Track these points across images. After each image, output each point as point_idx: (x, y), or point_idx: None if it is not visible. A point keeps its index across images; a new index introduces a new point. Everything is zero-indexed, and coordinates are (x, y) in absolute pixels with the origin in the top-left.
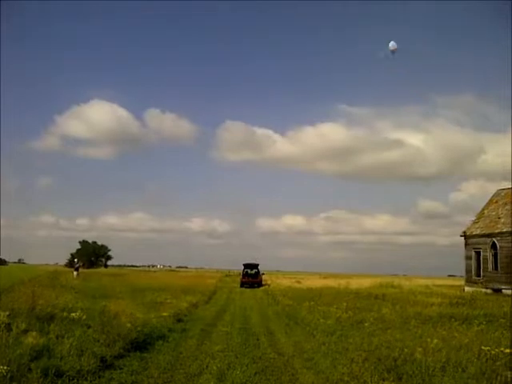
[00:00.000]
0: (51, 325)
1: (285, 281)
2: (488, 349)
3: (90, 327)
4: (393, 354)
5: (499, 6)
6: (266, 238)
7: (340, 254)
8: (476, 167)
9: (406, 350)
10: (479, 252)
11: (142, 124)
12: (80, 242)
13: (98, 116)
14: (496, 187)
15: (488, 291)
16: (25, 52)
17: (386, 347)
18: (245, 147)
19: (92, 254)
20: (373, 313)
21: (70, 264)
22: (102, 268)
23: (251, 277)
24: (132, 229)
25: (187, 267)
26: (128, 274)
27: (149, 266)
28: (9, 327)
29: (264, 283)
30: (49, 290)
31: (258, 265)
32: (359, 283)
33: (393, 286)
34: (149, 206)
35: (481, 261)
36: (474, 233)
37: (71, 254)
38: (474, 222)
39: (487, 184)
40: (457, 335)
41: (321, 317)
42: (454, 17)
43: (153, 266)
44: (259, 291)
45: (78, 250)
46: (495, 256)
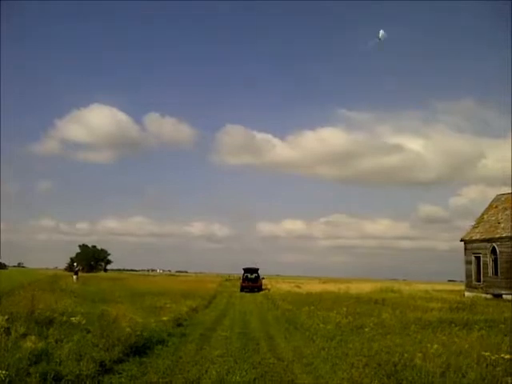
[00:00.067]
0: (50, 329)
1: (285, 285)
2: (488, 354)
3: (90, 331)
4: (393, 360)
5: (499, 7)
6: (266, 243)
7: (340, 259)
8: (476, 172)
9: (406, 356)
10: (479, 257)
11: (142, 128)
12: (80, 246)
13: (98, 120)
14: (496, 192)
15: (488, 296)
16: (25, 52)
17: (386, 352)
18: (245, 151)
19: (91, 258)
20: (373, 318)
21: (70, 268)
22: (102, 272)
23: (251, 281)
24: (132, 233)
25: (187, 272)
26: (127, 279)
27: (148, 271)
28: (8, 331)
29: (264, 288)
30: (48, 294)
31: (258, 269)
32: (359, 288)
33: (393, 291)
34: (148, 210)
35: (481, 266)
36: (474, 238)
37: (71, 258)
38: (474, 227)
39: (487, 189)
40: (457, 340)
41: (320, 322)
42: (455, 21)
43: (152, 271)
44: (259, 296)
45: (78, 254)
46: (495, 261)
